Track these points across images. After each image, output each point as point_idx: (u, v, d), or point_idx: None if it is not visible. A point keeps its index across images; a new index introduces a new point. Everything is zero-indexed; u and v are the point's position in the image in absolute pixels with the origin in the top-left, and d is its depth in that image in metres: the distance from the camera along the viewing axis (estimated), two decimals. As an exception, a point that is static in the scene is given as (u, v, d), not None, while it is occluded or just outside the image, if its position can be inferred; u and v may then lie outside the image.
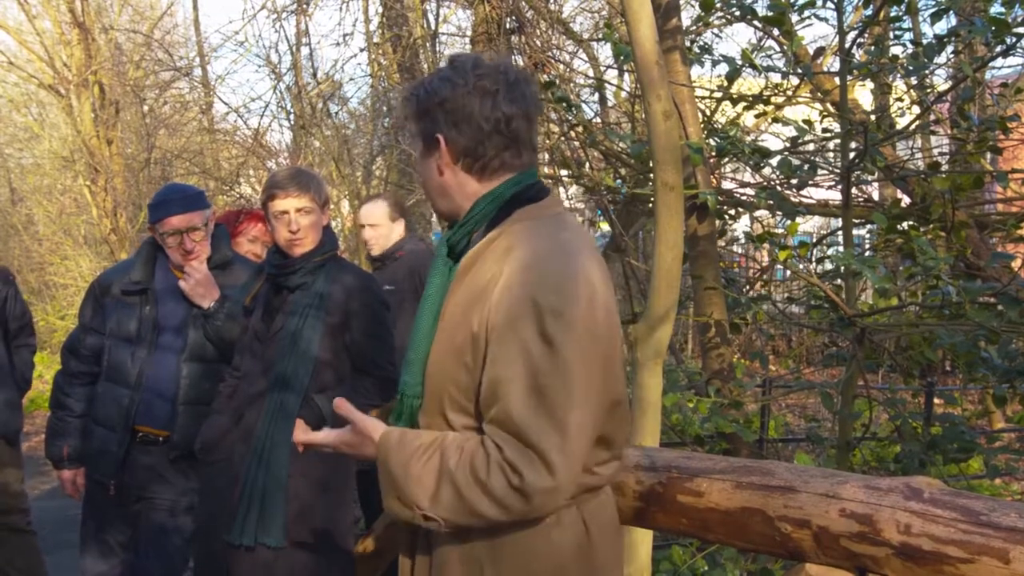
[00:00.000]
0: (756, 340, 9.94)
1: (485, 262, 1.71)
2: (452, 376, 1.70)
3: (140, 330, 3.24)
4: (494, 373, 1.62)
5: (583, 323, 1.62)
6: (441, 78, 1.76)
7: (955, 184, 4.35)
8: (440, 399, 1.73)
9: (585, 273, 1.66)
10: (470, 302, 1.70)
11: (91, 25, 12.61)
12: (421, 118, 1.78)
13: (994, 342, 3.65)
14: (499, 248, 1.71)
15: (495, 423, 1.61)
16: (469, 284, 1.72)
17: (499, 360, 1.62)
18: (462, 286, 1.73)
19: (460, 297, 1.73)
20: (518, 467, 1.57)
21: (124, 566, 3.28)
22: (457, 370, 1.69)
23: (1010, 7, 4.04)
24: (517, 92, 1.76)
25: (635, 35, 2.80)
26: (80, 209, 14.03)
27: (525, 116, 1.77)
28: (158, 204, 3.27)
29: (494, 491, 1.58)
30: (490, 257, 1.71)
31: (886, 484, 1.79)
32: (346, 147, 10.49)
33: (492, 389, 1.62)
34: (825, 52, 6.40)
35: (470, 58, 1.79)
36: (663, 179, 2.81)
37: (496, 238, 1.73)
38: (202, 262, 3.27)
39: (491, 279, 1.68)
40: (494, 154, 1.75)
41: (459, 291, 1.73)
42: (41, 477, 7.10)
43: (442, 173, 1.78)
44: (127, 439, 3.20)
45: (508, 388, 1.60)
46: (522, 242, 1.69)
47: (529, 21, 8.13)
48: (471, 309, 1.69)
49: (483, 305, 1.66)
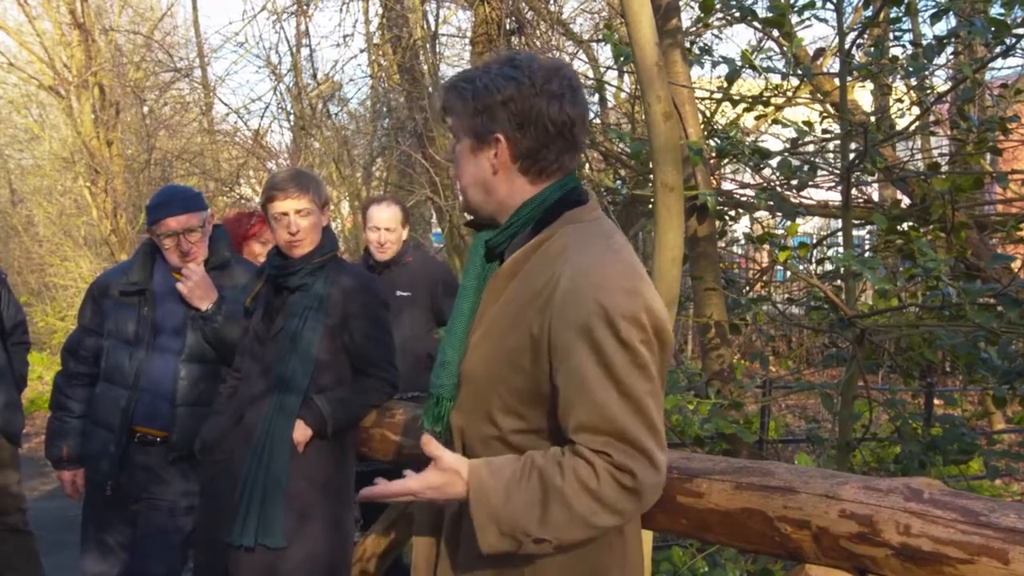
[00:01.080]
0: (756, 341, 9.94)
1: (536, 265, 1.70)
2: (504, 378, 1.69)
3: (138, 331, 3.24)
4: (576, 380, 1.60)
5: (651, 326, 1.63)
6: (505, 75, 1.71)
7: (955, 185, 4.35)
8: (486, 401, 1.71)
9: (642, 276, 1.68)
10: (523, 305, 1.68)
11: (91, 26, 12.61)
12: (478, 114, 1.72)
13: (994, 343, 3.65)
14: (551, 251, 1.70)
15: (589, 430, 1.59)
16: (521, 287, 1.70)
17: (578, 367, 1.60)
18: (510, 288, 1.72)
19: (510, 299, 1.71)
20: (630, 468, 1.58)
21: (124, 566, 3.28)
22: (511, 373, 1.68)
23: (1010, 8, 4.04)
24: (579, 96, 1.76)
25: (635, 36, 2.80)
26: (80, 210, 14.03)
27: (583, 120, 1.77)
28: (155, 206, 3.27)
29: (607, 498, 1.58)
30: (541, 260, 1.70)
31: (886, 485, 1.79)
32: (346, 148, 10.49)
33: (576, 396, 1.61)
34: (825, 53, 6.41)
35: (530, 56, 1.76)
36: (663, 180, 2.81)
37: (545, 241, 1.72)
38: (200, 264, 3.27)
39: (547, 283, 1.66)
40: (554, 157, 1.74)
41: (507, 293, 1.72)
42: (41, 478, 7.10)
43: (496, 172, 1.75)
44: (125, 440, 3.20)
45: (598, 395, 1.59)
46: (578, 246, 1.69)
47: (529, 22, 8.14)
48: (525, 312, 1.67)
49: (542, 309, 1.65)
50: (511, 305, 1.71)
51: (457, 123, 1.77)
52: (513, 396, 1.69)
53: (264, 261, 3.12)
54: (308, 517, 2.80)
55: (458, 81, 1.78)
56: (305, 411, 2.82)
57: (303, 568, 2.78)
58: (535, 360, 1.65)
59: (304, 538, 2.79)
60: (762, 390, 6.87)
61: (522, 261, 1.73)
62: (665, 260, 2.82)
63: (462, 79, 1.77)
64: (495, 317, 1.73)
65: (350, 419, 2.92)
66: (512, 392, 1.69)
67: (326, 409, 2.82)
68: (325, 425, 2.83)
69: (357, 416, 2.96)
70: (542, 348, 1.65)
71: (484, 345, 1.73)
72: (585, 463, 1.59)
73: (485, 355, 1.72)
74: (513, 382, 1.68)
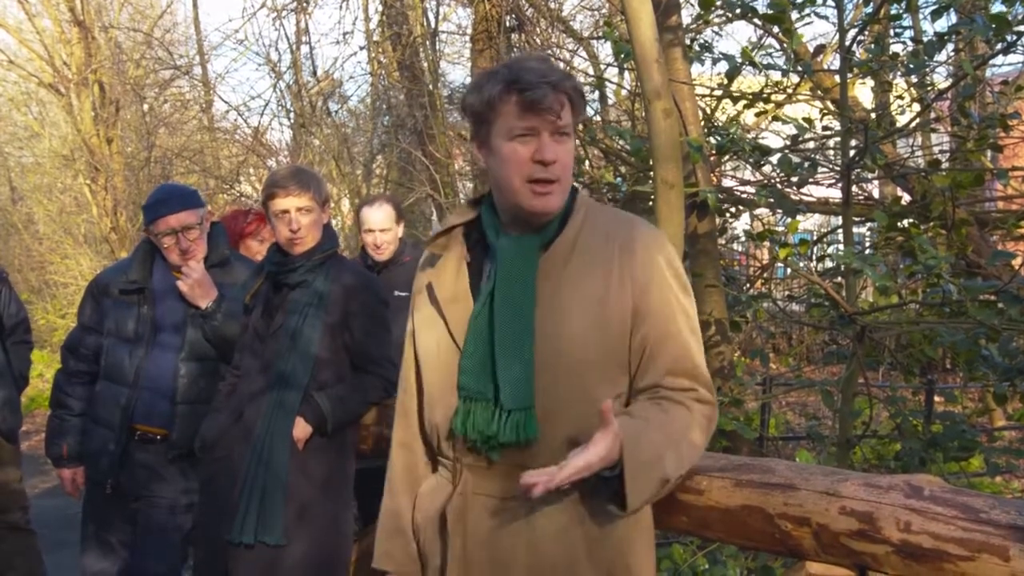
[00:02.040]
0: (756, 338, 9.94)
1: (591, 240, 1.81)
2: (604, 345, 1.76)
3: (138, 329, 3.24)
4: (662, 330, 1.77)
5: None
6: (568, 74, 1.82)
7: (955, 182, 4.35)
8: (581, 376, 1.76)
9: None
10: (599, 278, 1.77)
11: (91, 24, 12.61)
12: (579, 113, 1.80)
13: (994, 340, 3.65)
14: (595, 227, 1.82)
15: (679, 374, 1.79)
16: (586, 263, 1.79)
17: (663, 318, 1.77)
18: (572, 265, 1.79)
19: (580, 274, 1.78)
20: (708, 399, 1.82)
21: (124, 564, 3.28)
22: (609, 338, 1.76)
23: (1010, 5, 4.03)
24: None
25: (635, 33, 2.80)
26: (80, 208, 14.04)
27: None
28: (152, 205, 3.27)
29: (704, 430, 1.81)
30: (593, 235, 1.81)
31: (886, 482, 1.79)
32: (346, 145, 10.49)
33: (663, 343, 1.78)
34: (825, 50, 6.41)
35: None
36: (663, 177, 2.82)
37: (583, 221, 1.82)
38: (199, 261, 3.27)
39: (611, 253, 1.78)
40: None
41: (569, 270, 1.79)
42: (41, 476, 7.10)
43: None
44: (125, 438, 3.21)
45: (681, 340, 1.79)
46: (614, 217, 1.87)
47: (529, 19, 8.14)
48: (604, 283, 1.77)
49: (622, 277, 1.77)
50: (587, 276, 1.78)
51: (573, 121, 1.79)
52: (612, 361, 1.77)
53: (263, 258, 3.12)
54: (308, 514, 2.80)
55: (562, 72, 1.81)
56: (305, 408, 2.82)
57: (302, 565, 2.78)
58: (634, 322, 1.77)
59: (304, 535, 2.79)
60: (762, 387, 6.87)
61: (573, 240, 1.81)
62: (665, 257, 2.81)
63: (556, 69, 1.81)
64: (567, 295, 1.77)
65: (350, 417, 2.92)
66: (611, 357, 1.77)
67: (326, 406, 2.82)
68: (325, 422, 2.83)
69: (357, 414, 2.96)
70: (630, 310, 1.77)
71: (571, 321, 1.76)
72: (681, 405, 1.77)
73: (578, 330, 1.75)
74: (612, 344, 1.76)
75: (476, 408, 1.77)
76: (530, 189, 1.75)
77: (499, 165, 1.77)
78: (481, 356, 1.77)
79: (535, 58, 1.86)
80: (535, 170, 1.73)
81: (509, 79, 1.73)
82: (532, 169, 1.73)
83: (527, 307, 1.75)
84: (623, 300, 1.75)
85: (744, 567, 3.73)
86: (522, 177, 1.74)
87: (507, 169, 1.76)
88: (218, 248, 3.34)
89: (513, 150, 1.74)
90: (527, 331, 1.74)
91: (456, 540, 1.81)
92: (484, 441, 1.76)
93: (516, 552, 1.77)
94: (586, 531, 1.78)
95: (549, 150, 1.72)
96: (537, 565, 1.77)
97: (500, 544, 1.78)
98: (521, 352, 1.73)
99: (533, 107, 1.71)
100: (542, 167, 1.73)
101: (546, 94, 1.70)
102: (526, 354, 1.73)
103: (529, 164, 1.73)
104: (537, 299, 1.76)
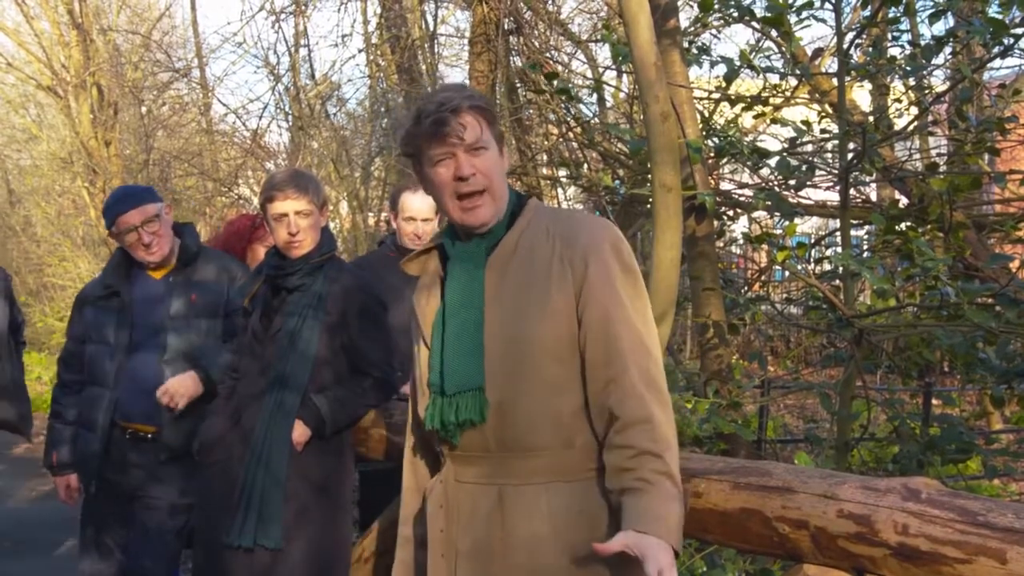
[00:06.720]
0: (754, 341, 9.94)
1: (533, 237, 1.90)
2: (550, 332, 1.84)
3: (116, 333, 3.27)
4: (603, 313, 1.84)
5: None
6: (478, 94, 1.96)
7: (953, 185, 4.35)
8: (532, 358, 1.84)
9: None
10: (539, 270, 1.87)
11: (89, 26, 12.61)
12: (493, 123, 1.94)
13: (992, 343, 3.65)
14: (538, 225, 1.92)
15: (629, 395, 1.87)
16: (527, 258, 1.89)
17: (604, 301, 1.84)
18: (516, 262, 1.89)
19: (523, 269, 1.88)
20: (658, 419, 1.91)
21: (122, 566, 3.29)
22: (557, 323, 1.84)
23: (1008, 8, 4.04)
24: None
25: (633, 36, 2.81)
26: (78, 210, 14.03)
27: None
28: (109, 207, 3.31)
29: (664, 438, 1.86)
30: (536, 233, 1.91)
31: (884, 485, 1.80)
32: (344, 148, 10.48)
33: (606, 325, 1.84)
34: (823, 53, 6.42)
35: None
36: (661, 180, 2.82)
37: (528, 223, 1.93)
38: (164, 253, 3.28)
39: (552, 245, 1.88)
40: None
41: (513, 267, 1.88)
42: (40, 479, 7.09)
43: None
44: (106, 437, 3.22)
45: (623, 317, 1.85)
46: (558, 215, 1.98)
47: (527, 22, 8.14)
48: (544, 273, 1.86)
49: (562, 265, 1.85)
50: (528, 269, 1.87)
51: (485, 136, 1.91)
52: (561, 342, 1.84)
53: (262, 261, 3.13)
54: (306, 518, 2.80)
55: (475, 93, 1.96)
56: (304, 411, 2.82)
57: (301, 569, 2.77)
58: (571, 298, 1.85)
59: (302, 539, 2.79)
60: (760, 390, 6.86)
61: (514, 243, 1.92)
62: (663, 260, 2.83)
63: (471, 92, 1.96)
64: (513, 289, 1.87)
65: (349, 419, 2.92)
66: (559, 338, 1.84)
67: (325, 409, 2.82)
68: (324, 425, 2.83)
69: (356, 416, 2.96)
70: (567, 285, 1.85)
71: (517, 311, 1.86)
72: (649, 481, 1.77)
73: (523, 318, 1.85)
74: (558, 327, 1.84)
75: (436, 400, 1.91)
76: (459, 206, 1.91)
77: (433, 191, 1.95)
78: (437, 352, 1.93)
79: (446, 87, 2.06)
80: (458, 187, 1.89)
81: (416, 115, 1.91)
82: (455, 186, 1.89)
83: (474, 302, 1.89)
84: (565, 286, 1.85)
85: (742, 570, 3.73)
86: (450, 196, 1.91)
87: (438, 192, 1.93)
88: (186, 246, 3.35)
89: (437, 174, 1.91)
90: (471, 323, 1.88)
91: (435, 526, 1.92)
92: (442, 428, 1.89)
93: (492, 532, 1.87)
94: (552, 509, 1.85)
95: (465, 166, 1.88)
96: (511, 543, 1.85)
97: (478, 527, 1.89)
98: (463, 342, 1.88)
99: (438, 135, 1.87)
100: (463, 183, 1.88)
101: (446, 120, 1.86)
102: (468, 344, 1.87)
103: (452, 183, 1.89)
104: (486, 297, 1.89)
